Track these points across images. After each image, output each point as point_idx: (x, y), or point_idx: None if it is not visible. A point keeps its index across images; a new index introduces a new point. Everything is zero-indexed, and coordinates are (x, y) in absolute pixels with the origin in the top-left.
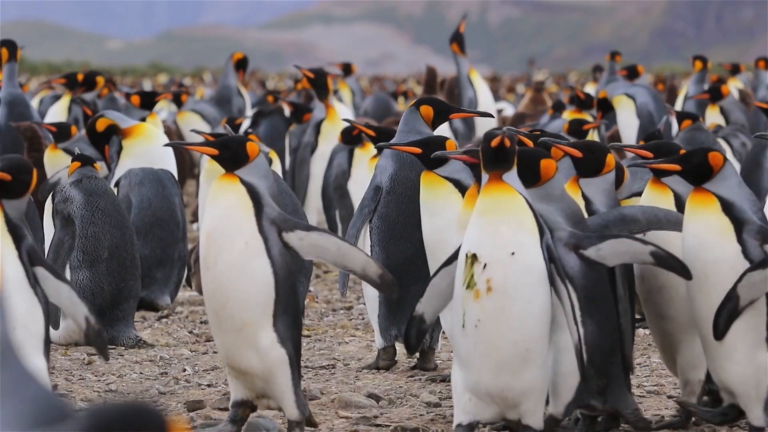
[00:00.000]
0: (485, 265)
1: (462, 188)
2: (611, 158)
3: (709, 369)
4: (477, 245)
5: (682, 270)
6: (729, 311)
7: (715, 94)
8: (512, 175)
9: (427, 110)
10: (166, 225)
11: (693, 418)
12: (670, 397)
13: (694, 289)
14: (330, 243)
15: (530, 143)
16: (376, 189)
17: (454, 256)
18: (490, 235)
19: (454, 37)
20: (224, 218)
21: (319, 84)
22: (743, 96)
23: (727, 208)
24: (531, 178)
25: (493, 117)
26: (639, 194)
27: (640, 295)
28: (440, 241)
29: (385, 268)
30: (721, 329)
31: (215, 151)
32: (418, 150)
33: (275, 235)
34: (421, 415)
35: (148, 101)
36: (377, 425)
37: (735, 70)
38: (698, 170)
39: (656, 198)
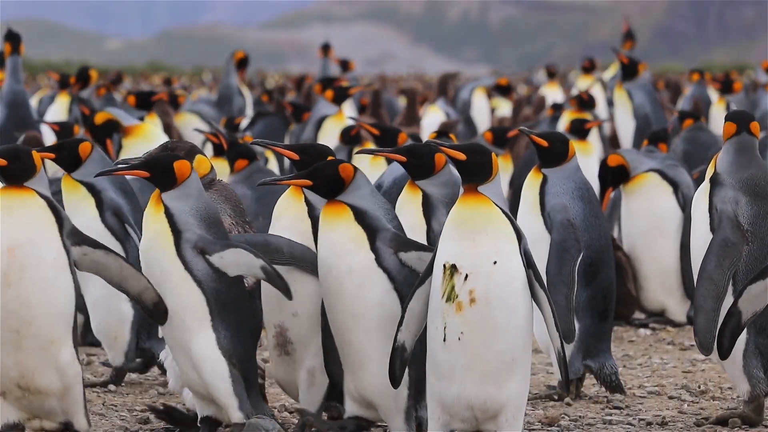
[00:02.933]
0: (466, 275)
1: (95, 192)
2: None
3: (346, 379)
4: (455, 256)
5: (285, 290)
6: (732, 328)
7: (727, 87)
8: (489, 187)
9: None
10: None
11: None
12: (671, 397)
13: (331, 299)
14: (112, 263)
15: (543, 142)
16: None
17: (426, 275)
18: (469, 245)
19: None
20: (30, 233)
21: (338, 95)
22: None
23: (360, 216)
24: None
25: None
26: (653, 170)
27: None
28: None
29: (162, 298)
30: (725, 347)
31: (3, 162)
32: (51, 155)
33: (70, 249)
34: None
35: (144, 101)
36: (377, 425)
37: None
38: (330, 184)
39: (409, 198)
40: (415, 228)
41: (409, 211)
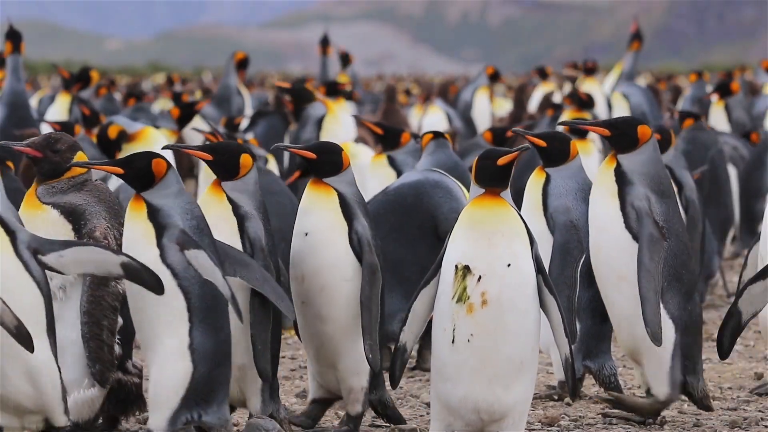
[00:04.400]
0: (480, 277)
1: None
2: (246, 158)
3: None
4: (469, 257)
5: (156, 285)
6: (732, 328)
7: (725, 90)
8: (507, 193)
9: None
10: None
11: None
12: None
13: (128, 296)
14: None
15: (542, 143)
16: None
17: (431, 277)
18: (484, 247)
19: None
20: None
21: (331, 91)
22: (753, 89)
23: (153, 213)
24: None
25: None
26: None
27: (298, 298)
28: None
29: (21, 321)
30: (726, 347)
31: None
32: None
33: None
34: (420, 415)
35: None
36: (377, 425)
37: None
38: (140, 176)
39: (322, 196)
40: (335, 227)
41: (324, 208)
